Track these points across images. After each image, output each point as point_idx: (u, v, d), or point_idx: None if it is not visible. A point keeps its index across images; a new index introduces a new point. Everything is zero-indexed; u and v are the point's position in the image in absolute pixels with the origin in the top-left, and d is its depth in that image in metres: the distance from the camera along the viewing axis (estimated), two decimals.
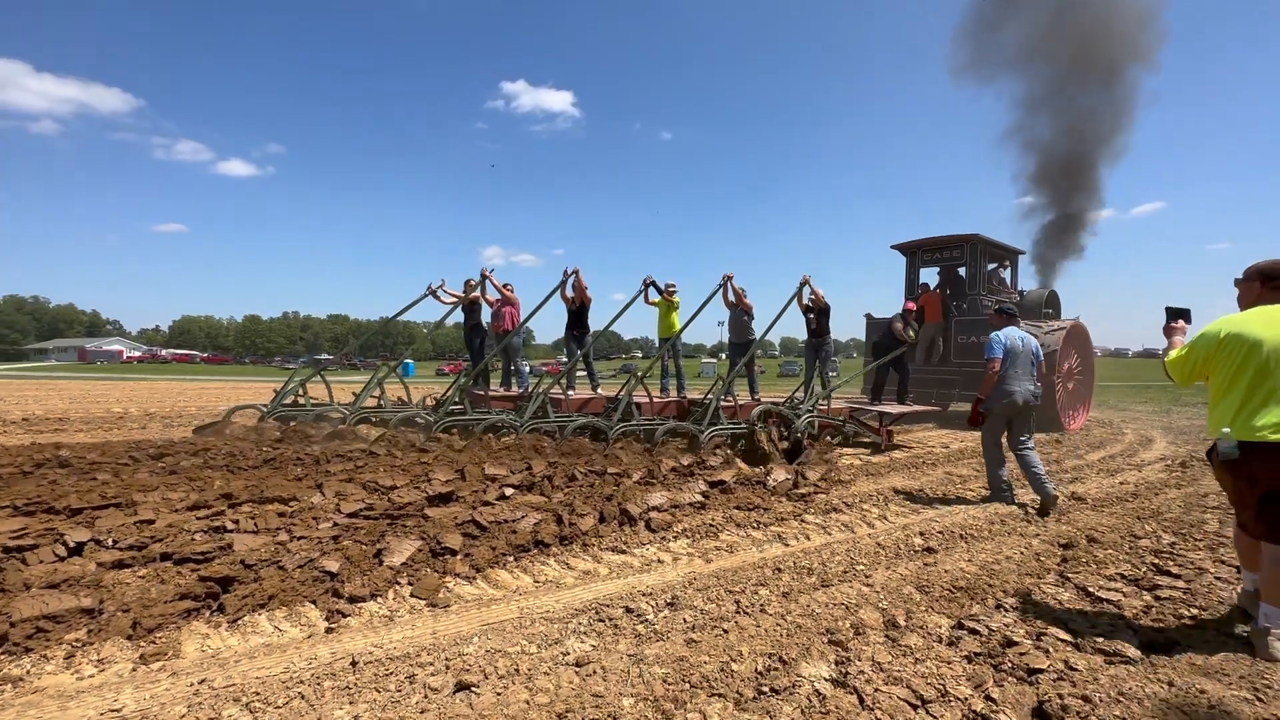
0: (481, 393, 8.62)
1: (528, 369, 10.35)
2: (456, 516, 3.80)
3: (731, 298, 9.01)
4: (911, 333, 9.41)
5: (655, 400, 8.46)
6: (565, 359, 9.55)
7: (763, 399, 8.87)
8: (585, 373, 9.78)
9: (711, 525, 4.20)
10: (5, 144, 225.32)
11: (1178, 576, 3.32)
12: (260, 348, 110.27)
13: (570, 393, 8.83)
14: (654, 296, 9.12)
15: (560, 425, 7.00)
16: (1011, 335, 5.05)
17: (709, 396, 7.40)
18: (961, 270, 12.19)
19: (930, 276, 12.93)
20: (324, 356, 70.63)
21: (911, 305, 9.87)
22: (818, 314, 8.97)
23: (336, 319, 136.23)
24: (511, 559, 3.42)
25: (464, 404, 7.86)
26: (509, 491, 4.43)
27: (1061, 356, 10.26)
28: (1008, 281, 12.79)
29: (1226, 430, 2.38)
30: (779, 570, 3.35)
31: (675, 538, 3.97)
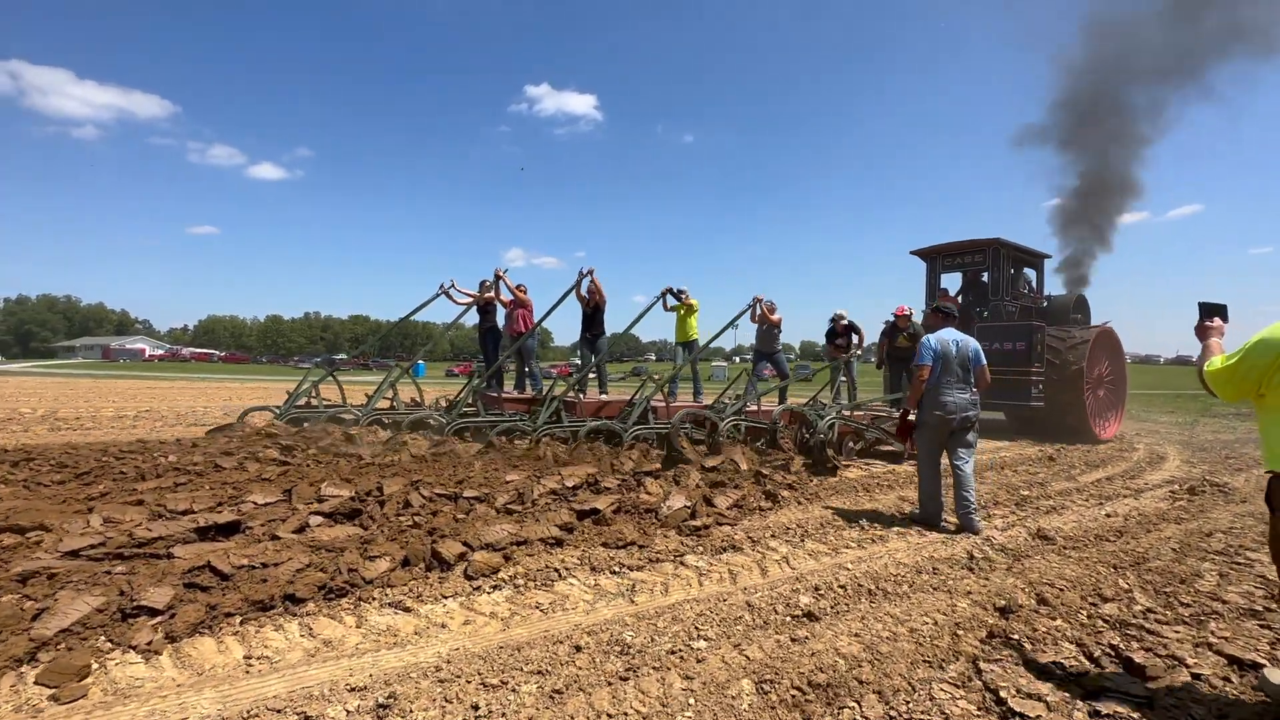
0: (495, 395, 8.39)
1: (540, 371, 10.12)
2: (208, 557, 2.98)
3: (759, 317, 9.22)
4: (904, 338, 9.05)
5: (670, 405, 7.98)
6: (579, 361, 9.20)
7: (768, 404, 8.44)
8: (595, 376, 9.53)
9: (555, 570, 3.33)
10: (49, 149, 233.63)
11: (1140, 671, 2.36)
12: (280, 347, 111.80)
13: (581, 396, 8.49)
14: (671, 302, 9.06)
15: (574, 430, 6.73)
16: (945, 339, 4.50)
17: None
18: (985, 276, 11.56)
19: (953, 282, 12.31)
20: (338, 357, 71.08)
21: (901, 310, 9.20)
22: (846, 331, 9.46)
23: (357, 319, 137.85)
24: (238, 620, 2.59)
25: (476, 406, 7.65)
26: (315, 521, 3.61)
27: (1091, 363, 9.90)
28: (1033, 286, 12.06)
29: None
30: (578, 649, 2.46)
31: (494, 588, 3.10)
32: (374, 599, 2.89)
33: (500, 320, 9.33)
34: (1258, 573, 3.58)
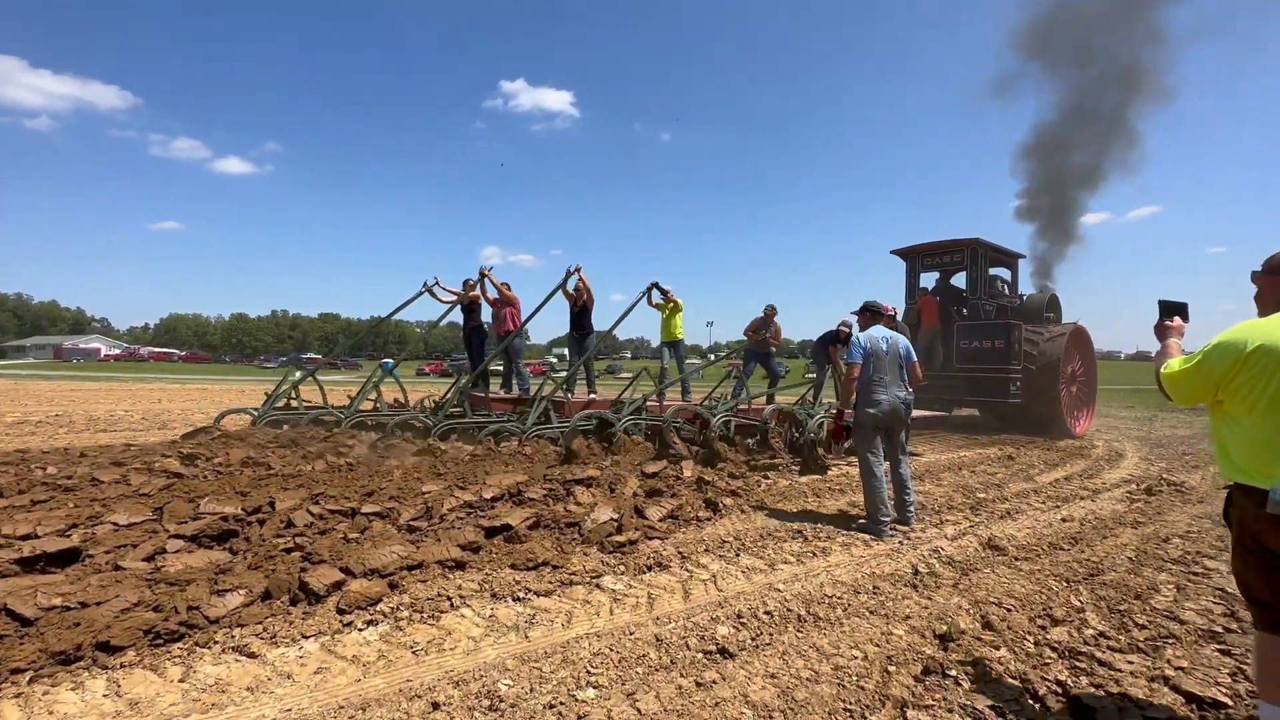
0: (482, 395, 8.22)
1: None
2: (5, 599, 2.50)
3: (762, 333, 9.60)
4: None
5: (662, 402, 8.07)
6: (553, 359, 9.20)
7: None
8: (583, 376, 9.56)
9: (448, 599, 2.92)
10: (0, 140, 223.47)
11: (1089, 715, 2.05)
12: (246, 346, 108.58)
13: (569, 396, 8.39)
14: (656, 299, 8.85)
15: (562, 431, 6.62)
16: (874, 336, 4.44)
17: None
18: (962, 275, 11.67)
19: (932, 281, 12.35)
20: (306, 356, 69.09)
21: (886, 309, 9.17)
22: (848, 340, 9.61)
23: (327, 317, 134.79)
24: (26, 678, 2.13)
25: (463, 406, 7.52)
26: (174, 546, 3.14)
27: (1065, 360, 10.17)
28: (1008, 285, 12.17)
29: None
30: (435, 707, 2.06)
31: (368, 624, 2.68)
32: (215, 643, 2.45)
33: (486, 318, 9.17)
34: (1215, 585, 3.34)
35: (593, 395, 8.59)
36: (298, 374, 8.39)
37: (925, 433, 10.70)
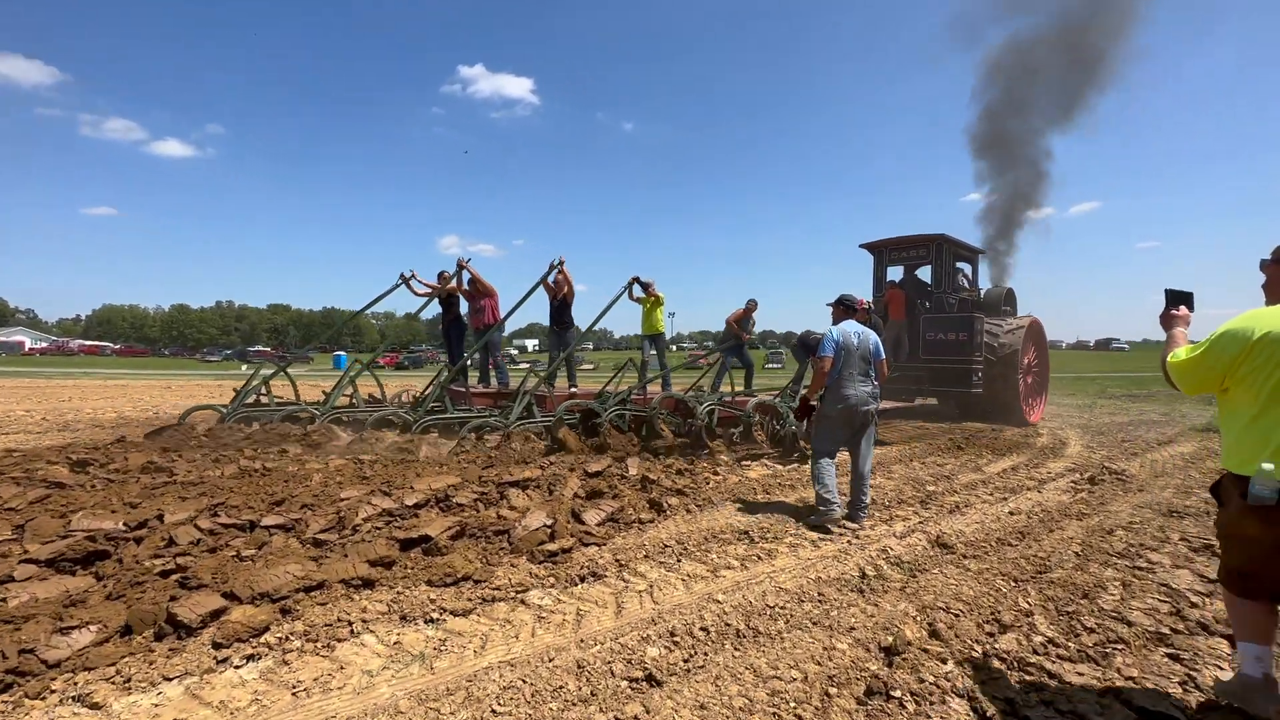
0: (462, 389, 8.07)
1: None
2: None
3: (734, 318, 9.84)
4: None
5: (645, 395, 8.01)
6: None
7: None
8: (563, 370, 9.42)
9: (349, 624, 2.59)
10: None
11: None
12: (188, 339, 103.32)
13: (551, 389, 8.20)
14: (638, 293, 8.89)
15: (546, 426, 6.53)
16: (846, 331, 4.41)
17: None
18: (928, 269, 11.97)
19: (897, 275, 12.60)
20: (254, 349, 66.10)
21: (861, 303, 9.60)
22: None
23: (276, 309, 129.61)
24: None
25: (443, 402, 7.36)
26: (24, 573, 2.71)
27: (1022, 352, 10.49)
28: (969, 280, 12.47)
29: (1269, 467, 1.73)
30: None
31: (249, 659, 2.33)
32: (51, 692, 2.07)
33: (464, 311, 8.99)
34: (1160, 580, 3.28)
35: (574, 389, 8.43)
36: (268, 370, 8.12)
37: (883, 423, 10.75)
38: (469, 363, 8.83)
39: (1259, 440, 1.79)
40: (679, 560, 3.53)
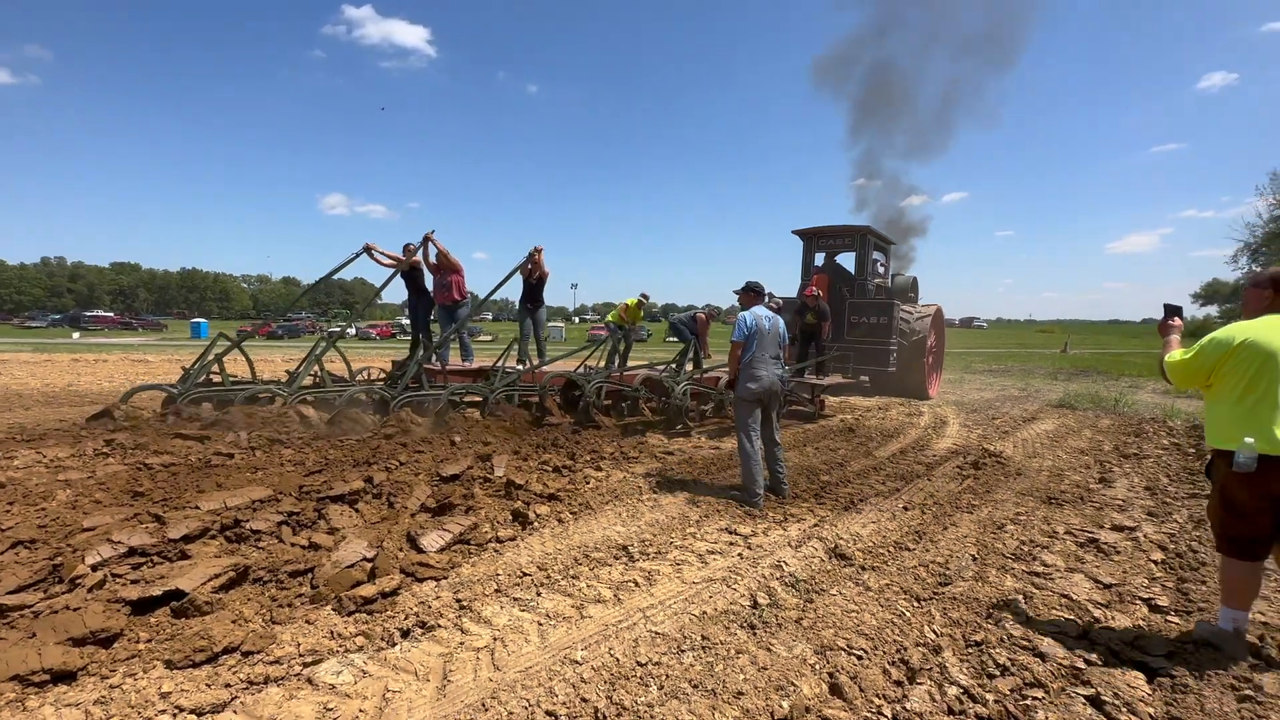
0: (437, 368, 7.73)
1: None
2: None
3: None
4: (811, 316, 9.87)
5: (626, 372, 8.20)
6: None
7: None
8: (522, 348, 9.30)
9: None
10: None
11: None
12: (6, 301, 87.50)
13: (523, 366, 8.03)
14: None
15: (539, 396, 6.74)
16: (758, 315, 4.57)
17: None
18: (851, 256, 12.84)
19: (819, 261, 13.39)
20: (92, 314, 56.80)
21: (810, 291, 9.99)
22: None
23: (122, 268, 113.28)
24: None
25: (420, 380, 6.98)
26: None
27: (928, 336, 11.67)
28: (884, 268, 13.41)
29: (1250, 441, 2.18)
30: None
31: None
32: None
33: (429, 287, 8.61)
34: (1060, 591, 3.06)
35: (540, 363, 8.11)
36: (225, 343, 6.98)
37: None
38: (433, 339, 8.45)
39: (1240, 421, 2.23)
40: (538, 594, 2.86)
